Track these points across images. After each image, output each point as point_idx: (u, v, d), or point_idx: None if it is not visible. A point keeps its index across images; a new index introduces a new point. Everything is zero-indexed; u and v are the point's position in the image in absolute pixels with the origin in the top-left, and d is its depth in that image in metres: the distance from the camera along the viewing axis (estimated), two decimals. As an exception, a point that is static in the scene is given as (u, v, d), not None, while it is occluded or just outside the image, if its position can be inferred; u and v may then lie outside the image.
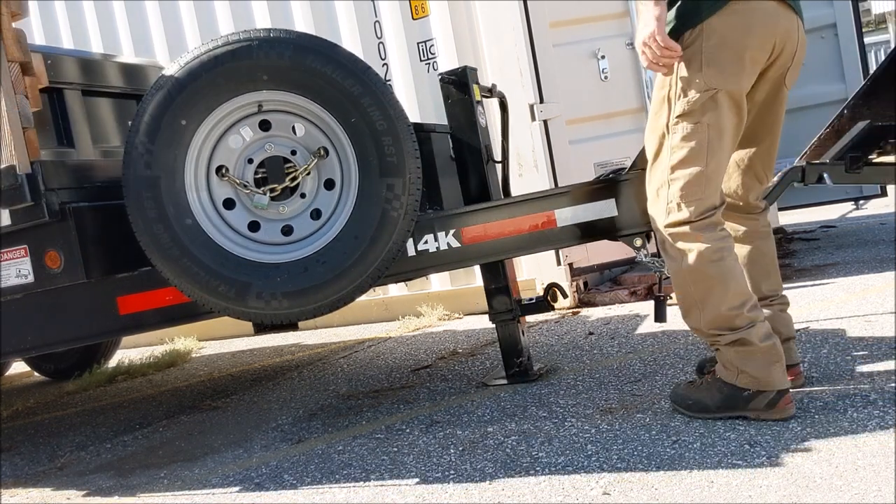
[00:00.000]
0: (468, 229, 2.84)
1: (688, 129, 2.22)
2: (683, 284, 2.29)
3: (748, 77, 2.24)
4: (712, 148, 2.22)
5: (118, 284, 2.92)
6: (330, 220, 2.72)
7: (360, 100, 2.60)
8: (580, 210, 2.79)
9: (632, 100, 5.05)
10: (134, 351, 5.78)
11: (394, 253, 2.68)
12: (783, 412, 2.23)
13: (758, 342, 2.22)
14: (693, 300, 2.29)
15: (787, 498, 1.80)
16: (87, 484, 2.82)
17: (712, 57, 2.18)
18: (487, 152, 3.16)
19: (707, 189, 2.24)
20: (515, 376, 3.14)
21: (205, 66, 2.58)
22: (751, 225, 2.51)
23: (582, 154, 4.83)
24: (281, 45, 2.58)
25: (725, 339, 2.25)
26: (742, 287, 2.26)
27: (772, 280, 2.52)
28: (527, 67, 4.67)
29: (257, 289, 2.64)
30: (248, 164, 2.72)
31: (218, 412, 3.57)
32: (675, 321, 3.06)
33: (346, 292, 2.67)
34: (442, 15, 4.88)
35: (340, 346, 4.77)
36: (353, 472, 2.46)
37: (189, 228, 2.64)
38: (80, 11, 5.97)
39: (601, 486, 2.04)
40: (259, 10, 5.36)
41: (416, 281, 5.12)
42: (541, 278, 4.75)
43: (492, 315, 3.15)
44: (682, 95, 2.22)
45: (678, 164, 2.24)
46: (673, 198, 2.26)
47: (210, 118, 2.65)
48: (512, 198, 3.00)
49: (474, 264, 3.11)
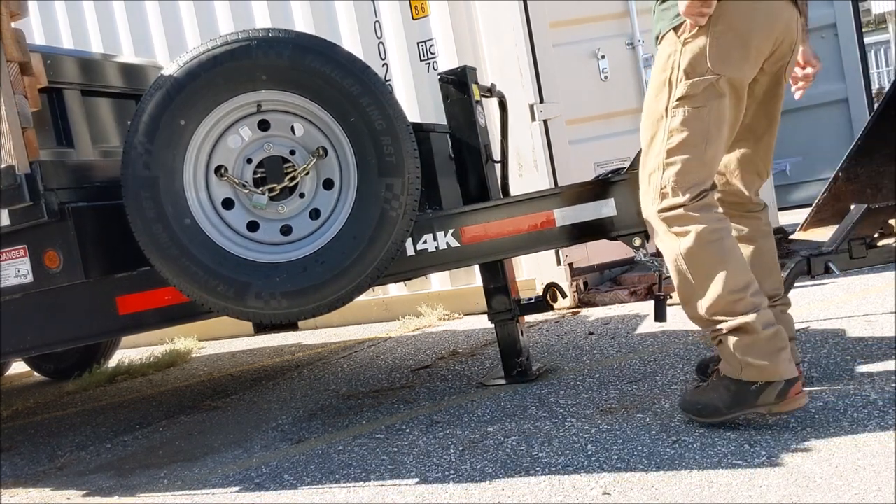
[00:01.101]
0: (467, 229, 2.84)
1: (688, 112, 2.17)
2: (681, 270, 2.20)
3: (752, 66, 2.20)
4: (711, 135, 2.18)
5: (117, 284, 2.92)
6: (329, 219, 2.72)
7: (359, 99, 2.59)
8: (579, 210, 2.78)
9: (632, 100, 5.05)
10: (134, 351, 5.78)
11: (393, 253, 2.68)
12: (795, 402, 2.14)
13: (760, 329, 2.14)
14: (692, 286, 2.20)
15: (787, 498, 1.80)
16: (87, 484, 2.82)
17: (719, 42, 2.14)
18: (486, 152, 3.16)
19: (701, 175, 2.19)
20: (514, 376, 3.14)
21: (203, 66, 2.58)
22: (752, 224, 2.47)
23: (582, 154, 4.83)
24: (280, 45, 2.58)
25: (727, 325, 2.16)
26: (744, 269, 2.19)
27: (773, 280, 2.47)
28: (527, 67, 4.67)
29: (256, 288, 2.63)
30: (247, 163, 2.72)
31: (218, 412, 3.57)
32: (674, 321, 3.06)
33: (345, 292, 2.67)
34: (442, 15, 4.88)
35: (340, 346, 4.77)
36: (353, 472, 2.46)
37: (188, 228, 2.64)
38: (80, 11, 5.97)
39: (601, 486, 2.04)
40: (259, 10, 5.36)
41: (416, 281, 5.12)
42: (541, 278, 4.75)
43: (491, 315, 3.15)
44: (686, 78, 2.17)
45: (675, 147, 2.19)
46: (667, 182, 2.20)
47: (209, 118, 2.64)
48: (511, 197, 3.00)
49: (473, 264, 3.11)
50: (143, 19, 5.77)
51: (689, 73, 2.17)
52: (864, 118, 6.12)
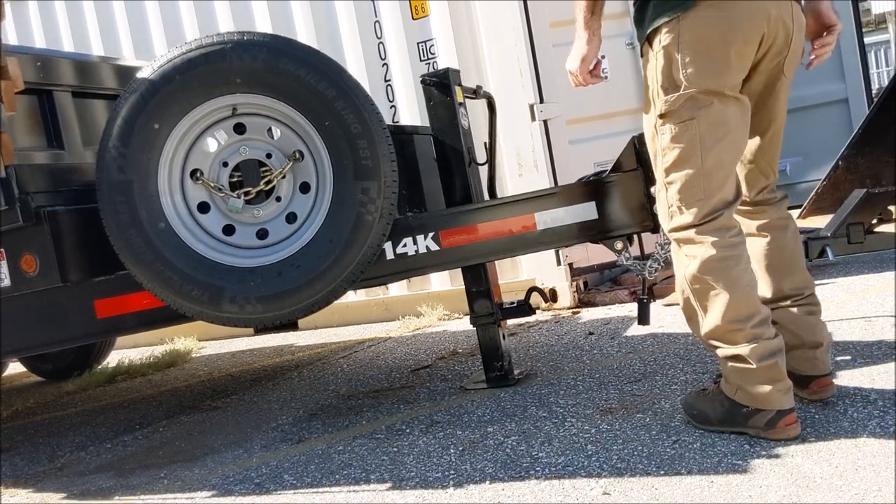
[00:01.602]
0: (446, 232, 2.81)
1: (674, 129, 2.09)
2: (685, 291, 2.17)
3: (734, 73, 2.07)
4: (705, 144, 2.07)
5: (95, 288, 2.91)
6: (305, 223, 2.71)
7: (335, 103, 2.58)
8: (560, 213, 2.75)
9: (632, 100, 5.05)
10: (134, 351, 5.78)
11: (369, 257, 2.67)
12: (784, 433, 2.08)
13: (754, 362, 2.07)
14: (694, 309, 2.17)
15: (787, 498, 1.80)
16: (87, 484, 2.82)
17: (690, 55, 2.03)
18: (470, 154, 3.14)
19: (708, 187, 2.09)
20: (495, 380, 3.12)
21: (178, 69, 2.58)
22: (760, 218, 2.32)
23: (582, 154, 4.83)
24: (254, 48, 2.57)
25: (722, 352, 2.14)
26: (749, 299, 2.10)
27: (795, 277, 2.31)
28: (527, 67, 4.67)
29: (231, 293, 2.63)
30: (223, 167, 2.72)
31: (218, 412, 3.57)
32: (673, 322, 3.07)
33: (320, 296, 2.66)
34: (442, 15, 4.89)
35: (340, 346, 4.77)
36: (353, 472, 2.46)
37: (162, 232, 2.64)
38: (79, 12, 5.97)
39: (601, 486, 2.04)
40: (259, 11, 5.36)
41: (416, 281, 5.13)
42: (541, 278, 4.75)
43: (473, 318, 3.13)
44: (662, 93, 2.08)
45: (671, 166, 2.12)
46: (672, 201, 2.14)
47: (184, 121, 2.64)
48: (491, 200, 2.98)
49: (454, 268, 3.09)
50: (143, 20, 5.77)
51: (667, 88, 2.08)
52: (864, 118, 6.12)
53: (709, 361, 2.95)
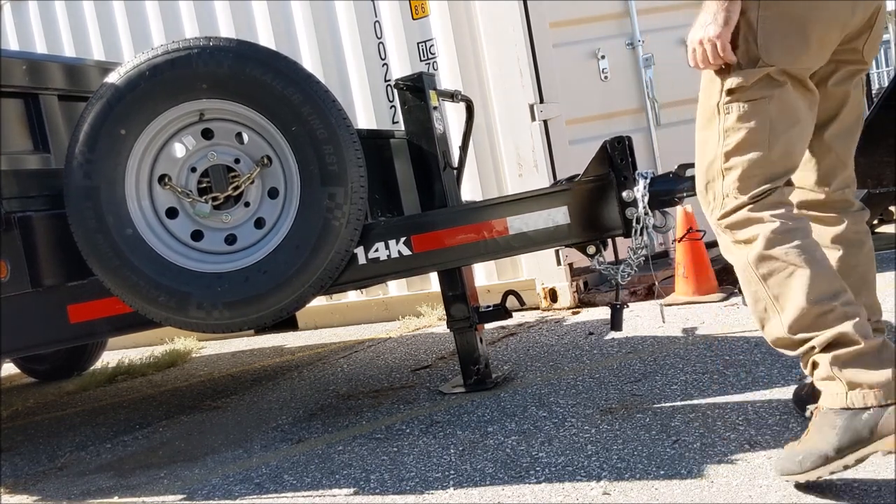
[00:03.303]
0: (418, 237, 2.77)
1: (744, 107, 1.83)
2: (752, 283, 1.82)
3: (814, 58, 1.85)
4: (776, 129, 1.82)
5: (68, 293, 2.89)
6: (273, 229, 2.70)
7: (301, 108, 2.57)
8: (533, 217, 2.72)
9: (632, 100, 5.05)
10: (134, 351, 5.78)
11: (337, 262, 2.65)
12: None
13: (862, 338, 1.71)
14: (767, 301, 1.80)
15: (787, 498, 1.80)
16: (87, 484, 2.82)
17: (770, 29, 1.80)
18: (444, 158, 3.13)
19: (772, 177, 1.83)
20: (473, 385, 3.12)
21: (143, 75, 2.57)
22: (836, 227, 2.05)
23: (582, 154, 4.80)
24: (220, 54, 2.56)
25: (818, 339, 1.73)
26: (830, 273, 1.78)
27: (863, 301, 1.96)
28: (527, 67, 4.67)
29: (197, 299, 2.62)
30: (191, 172, 2.71)
31: (218, 412, 3.57)
32: (674, 320, 3.06)
33: (287, 302, 2.65)
34: (442, 15, 4.89)
35: (340, 346, 4.77)
36: (353, 472, 2.46)
37: (129, 238, 2.63)
38: (79, 12, 5.97)
39: (601, 486, 2.04)
40: (259, 11, 5.36)
41: (416, 281, 5.13)
42: (541, 279, 4.75)
43: (449, 322, 3.13)
44: (737, 68, 1.82)
45: (734, 149, 1.84)
46: (729, 190, 1.85)
47: (150, 127, 2.63)
48: (463, 205, 2.96)
49: (427, 272, 3.06)
50: (143, 20, 5.77)
51: (740, 60, 1.82)
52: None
53: (709, 361, 2.96)
